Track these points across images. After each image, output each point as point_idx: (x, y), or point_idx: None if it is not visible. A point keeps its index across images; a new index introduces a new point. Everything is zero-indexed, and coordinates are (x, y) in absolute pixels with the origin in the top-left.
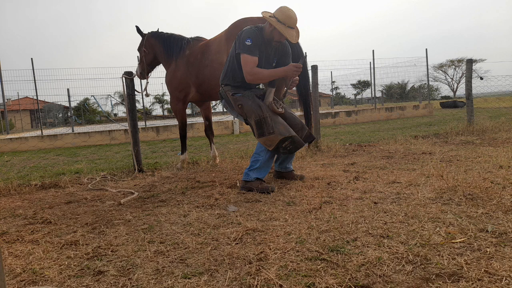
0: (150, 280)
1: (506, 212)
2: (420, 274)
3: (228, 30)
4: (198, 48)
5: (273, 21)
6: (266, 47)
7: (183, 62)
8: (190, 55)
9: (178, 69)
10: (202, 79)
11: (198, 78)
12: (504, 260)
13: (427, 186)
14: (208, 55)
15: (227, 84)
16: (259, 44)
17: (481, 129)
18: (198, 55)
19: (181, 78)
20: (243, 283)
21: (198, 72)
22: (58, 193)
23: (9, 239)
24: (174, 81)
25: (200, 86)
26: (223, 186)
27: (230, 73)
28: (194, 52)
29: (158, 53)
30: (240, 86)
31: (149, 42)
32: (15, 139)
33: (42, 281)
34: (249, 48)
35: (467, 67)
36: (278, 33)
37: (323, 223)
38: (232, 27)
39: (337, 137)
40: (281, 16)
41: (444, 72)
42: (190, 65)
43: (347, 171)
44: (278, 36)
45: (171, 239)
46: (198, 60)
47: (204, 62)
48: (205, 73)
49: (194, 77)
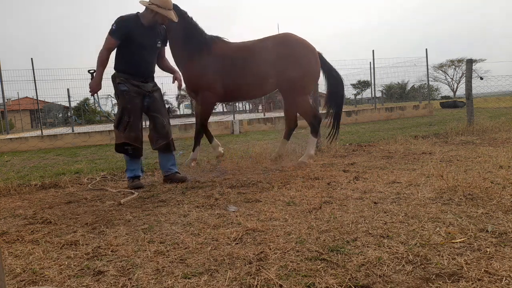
0: (150, 280)
1: (506, 212)
2: (420, 274)
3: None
4: (233, 50)
5: (154, 7)
6: (147, 32)
7: (212, 60)
8: (222, 55)
9: (208, 67)
10: (234, 82)
11: (230, 80)
12: (504, 260)
13: (427, 186)
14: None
15: (118, 70)
16: (128, 30)
17: (481, 129)
18: (234, 57)
19: (212, 77)
20: (243, 283)
21: (231, 74)
22: (58, 193)
23: (9, 239)
24: (205, 78)
25: (229, 87)
26: (223, 186)
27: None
28: (227, 53)
29: (174, 33)
30: (124, 71)
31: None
32: (15, 139)
33: (42, 281)
34: (112, 31)
35: (467, 67)
36: (161, 16)
37: (323, 223)
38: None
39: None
40: (159, 2)
41: (444, 72)
42: (222, 65)
43: (347, 171)
44: (161, 19)
45: (171, 239)
46: (232, 62)
47: (240, 65)
48: (239, 76)
49: (225, 78)
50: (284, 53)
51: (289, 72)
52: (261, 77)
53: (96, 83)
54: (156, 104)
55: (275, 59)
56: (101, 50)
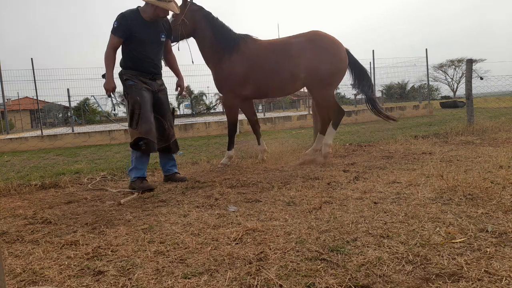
0: (150, 280)
1: (506, 212)
2: (420, 274)
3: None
4: (263, 48)
5: (154, 1)
6: (149, 27)
7: (241, 58)
8: (251, 53)
9: (236, 65)
10: (265, 79)
11: (261, 77)
12: (504, 260)
13: (427, 186)
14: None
15: (125, 68)
16: (131, 26)
17: (481, 129)
18: (264, 55)
19: (242, 74)
20: (243, 283)
21: (262, 71)
22: (58, 193)
23: (9, 239)
24: (234, 77)
25: (260, 84)
26: (223, 186)
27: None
28: (257, 50)
29: (201, 34)
30: (131, 68)
31: (193, 14)
32: (15, 139)
33: (42, 281)
34: (114, 29)
35: (467, 67)
36: (162, 9)
37: (323, 223)
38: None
39: (337, 137)
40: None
41: (444, 72)
42: (252, 63)
43: (347, 171)
44: (162, 12)
45: (171, 239)
46: (263, 59)
47: (271, 63)
48: (270, 73)
49: (257, 75)
50: (315, 50)
51: (320, 68)
52: (292, 74)
53: (108, 81)
54: (160, 106)
55: (307, 55)
56: (107, 49)
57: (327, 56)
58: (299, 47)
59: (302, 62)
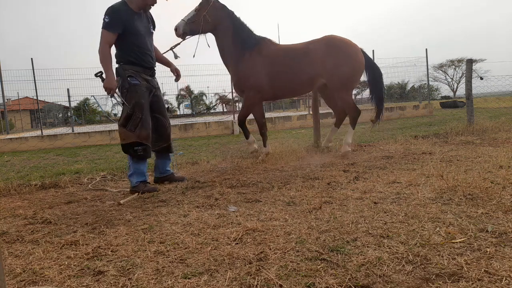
0: (150, 280)
1: (506, 212)
2: (420, 274)
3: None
4: (283, 51)
5: None
6: (139, 18)
7: (261, 59)
8: (272, 55)
9: (257, 66)
10: (284, 81)
11: (281, 79)
12: (504, 260)
13: (427, 186)
14: (295, 60)
15: (126, 63)
16: (124, 19)
17: (481, 129)
18: (285, 58)
19: (263, 75)
20: (243, 283)
21: (282, 74)
22: (58, 193)
23: (9, 239)
24: (254, 78)
25: (279, 86)
26: (223, 186)
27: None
28: (277, 53)
29: (222, 32)
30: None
31: (216, 11)
32: (15, 139)
33: (42, 281)
34: (107, 24)
35: (467, 67)
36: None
37: (323, 223)
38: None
39: (337, 137)
40: None
41: (444, 72)
42: (273, 65)
43: (347, 171)
44: (151, 0)
45: (171, 239)
46: (283, 62)
47: (290, 66)
48: (290, 76)
49: (277, 77)
50: (334, 54)
51: (340, 70)
52: (311, 76)
53: (110, 80)
54: (160, 104)
55: (326, 60)
56: (101, 47)
57: (346, 59)
58: (318, 52)
59: (322, 66)
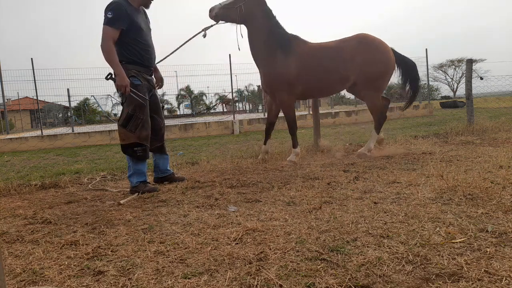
0: (150, 280)
1: (506, 212)
2: (420, 274)
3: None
4: (315, 50)
5: None
6: (139, 14)
7: (295, 58)
8: (302, 54)
9: (291, 64)
10: (316, 81)
11: (313, 79)
12: (504, 260)
13: (427, 186)
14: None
15: (128, 62)
16: (127, 15)
17: (481, 129)
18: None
19: (295, 74)
20: (243, 283)
21: (314, 73)
22: (58, 193)
23: (9, 239)
24: (287, 76)
25: (310, 86)
26: (223, 186)
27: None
28: (310, 52)
29: (256, 26)
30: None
31: (254, 5)
32: (15, 139)
33: (42, 281)
34: (110, 20)
35: (467, 67)
36: None
37: (323, 223)
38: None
39: (337, 137)
40: None
41: (444, 72)
42: (305, 64)
43: (347, 171)
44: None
45: (171, 239)
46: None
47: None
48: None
49: (309, 76)
50: (367, 53)
51: (370, 68)
52: (343, 76)
53: (122, 77)
54: (157, 104)
55: (359, 58)
56: (105, 44)
57: (378, 58)
58: (351, 50)
59: (354, 65)
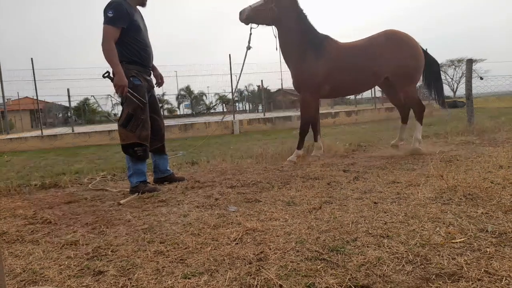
0: (150, 280)
1: (506, 212)
2: (420, 274)
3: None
4: (347, 49)
5: None
6: (137, 13)
7: (324, 58)
8: (333, 54)
9: (322, 65)
10: (349, 80)
11: (345, 78)
12: (504, 260)
13: (427, 186)
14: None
15: (128, 62)
16: (127, 13)
17: (481, 129)
18: (349, 57)
19: (325, 74)
20: (243, 283)
21: (346, 73)
22: (58, 193)
23: (9, 239)
24: (317, 78)
25: (342, 85)
26: (223, 186)
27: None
28: (341, 52)
29: (287, 27)
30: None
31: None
32: (15, 139)
33: (42, 281)
34: (111, 19)
35: (467, 67)
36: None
37: (323, 223)
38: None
39: (338, 137)
40: None
41: (444, 72)
42: (337, 64)
43: (347, 171)
44: None
45: (171, 239)
46: (348, 61)
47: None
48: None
49: (340, 76)
50: (398, 48)
51: (404, 64)
52: (376, 74)
53: (121, 77)
54: (155, 104)
55: (390, 54)
56: (105, 43)
57: (409, 52)
58: (381, 47)
59: (386, 61)
